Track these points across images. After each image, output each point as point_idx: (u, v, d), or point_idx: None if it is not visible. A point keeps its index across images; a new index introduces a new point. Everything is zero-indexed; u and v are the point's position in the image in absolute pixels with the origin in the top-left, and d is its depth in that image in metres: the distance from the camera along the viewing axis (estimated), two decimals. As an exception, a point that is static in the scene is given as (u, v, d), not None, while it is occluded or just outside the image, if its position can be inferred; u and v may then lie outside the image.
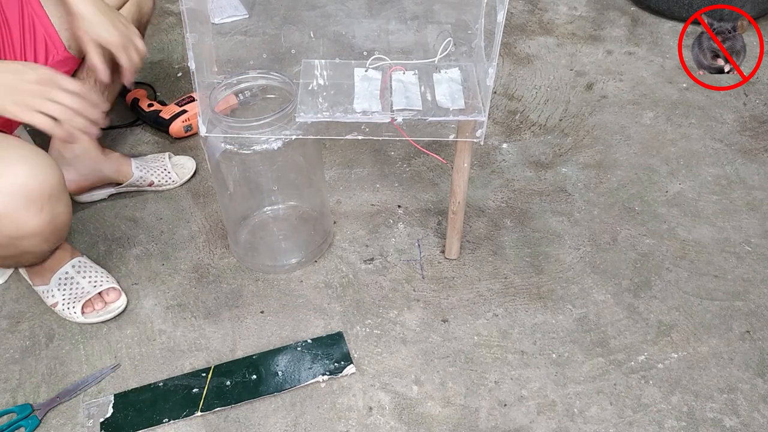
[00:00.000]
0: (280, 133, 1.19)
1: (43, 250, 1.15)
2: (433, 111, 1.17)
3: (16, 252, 1.10)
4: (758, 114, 1.78)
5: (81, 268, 1.31)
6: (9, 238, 1.03)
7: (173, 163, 1.60)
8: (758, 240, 1.44)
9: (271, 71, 1.27)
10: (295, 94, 1.21)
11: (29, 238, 1.05)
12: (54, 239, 1.11)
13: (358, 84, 1.22)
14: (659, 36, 2.08)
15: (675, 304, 1.32)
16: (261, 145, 1.21)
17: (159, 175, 1.57)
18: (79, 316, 1.28)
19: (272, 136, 1.19)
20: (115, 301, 1.30)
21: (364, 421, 1.15)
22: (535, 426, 1.14)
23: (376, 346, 1.26)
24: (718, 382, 1.19)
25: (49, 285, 1.29)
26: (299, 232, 1.46)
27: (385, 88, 1.20)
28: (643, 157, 1.66)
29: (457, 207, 1.31)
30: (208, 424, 1.15)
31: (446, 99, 1.19)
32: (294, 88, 1.22)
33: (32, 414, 1.16)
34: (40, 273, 1.30)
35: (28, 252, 1.12)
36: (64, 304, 1.29)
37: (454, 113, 1.17)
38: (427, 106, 1.17)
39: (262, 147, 1.21)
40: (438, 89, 1.21)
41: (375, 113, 1.15)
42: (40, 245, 1.10)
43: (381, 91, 1.20)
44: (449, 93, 1.21)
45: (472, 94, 1.21)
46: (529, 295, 1.35)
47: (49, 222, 1.04)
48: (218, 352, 1.26)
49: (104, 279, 1.32)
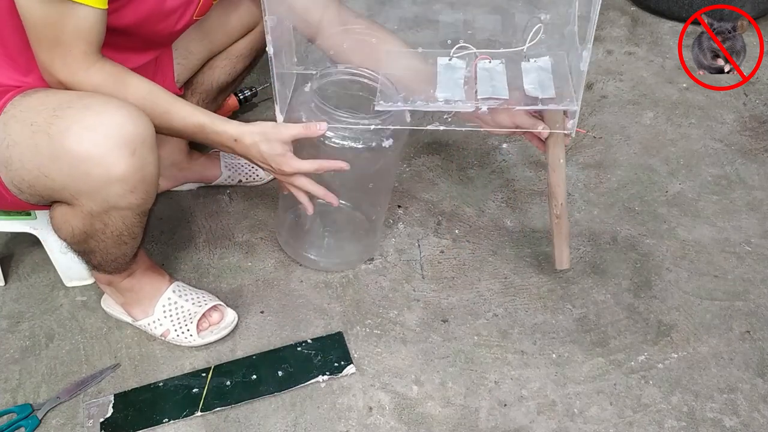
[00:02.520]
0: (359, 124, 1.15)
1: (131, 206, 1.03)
2: (522, 100, 1.11)
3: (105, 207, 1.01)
4: (758, 114, 1.78)
5: (182, 291, 1.28)
6: (97, 184, 0.97)
7: None
8: (758, 240, 1.44)
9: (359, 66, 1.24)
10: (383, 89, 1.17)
11: (117, 184, 0.98)
12: (141, 192, 1.02)
13: (442, 73, 1.17)
14: (659, 36, 2.08)
15: (675, 304, 1.32)
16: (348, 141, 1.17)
17: (246, 173, 1.57)
18: (195, 338, 1.25)
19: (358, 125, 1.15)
20: (224, 318, 1.27)
21: (364, 421, 1.15)
22: (535, 426, 1.14)
23: (376, 346, 1.26)
24: (718, 382, 1.19)
25: (153, 315, 1.25)
26: (345, 234, 1.44)
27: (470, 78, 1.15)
28: (643, 157, 1.66)
29: (560, 210, 1.22)
30: (208, 424, 1.15)
31: (535, 87, 1.13)
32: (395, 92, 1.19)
33: (32, 414, 1.16)
34: (141, 304, 1.26)
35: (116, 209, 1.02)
36: (176, 330, 1.25)
37: (543, 102, 1.11)
38: (515, 95, 1.12)
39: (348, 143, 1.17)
40: (526, 78, 1.15)
41: (458, 102, 1.10)
42: (127, 197, 1.00)
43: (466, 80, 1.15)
44: (538, 81, 1.15)
45: (563, 83, 1.15)
46: (529, 295, 1.35)
47: (138, 169, 0.98)
48: (218, 352, 1.26)
49: (207, 298, 1.29)
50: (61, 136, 0.94)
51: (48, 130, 0.95)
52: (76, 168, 0.96)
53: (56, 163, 0.96)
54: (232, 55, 1.38)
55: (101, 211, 1.02)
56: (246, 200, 1.57)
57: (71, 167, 0.96)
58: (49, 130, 0.95)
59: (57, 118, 0.95)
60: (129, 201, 1.02)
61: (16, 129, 0.97)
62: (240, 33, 1.36)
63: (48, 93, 1.01)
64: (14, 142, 0.97)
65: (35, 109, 0.97)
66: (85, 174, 0.96)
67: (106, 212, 1.03)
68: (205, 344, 1.26)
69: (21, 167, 0.98)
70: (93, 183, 0.97)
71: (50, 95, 1.00)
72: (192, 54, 1.33)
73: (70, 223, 1.06)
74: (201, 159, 1.55)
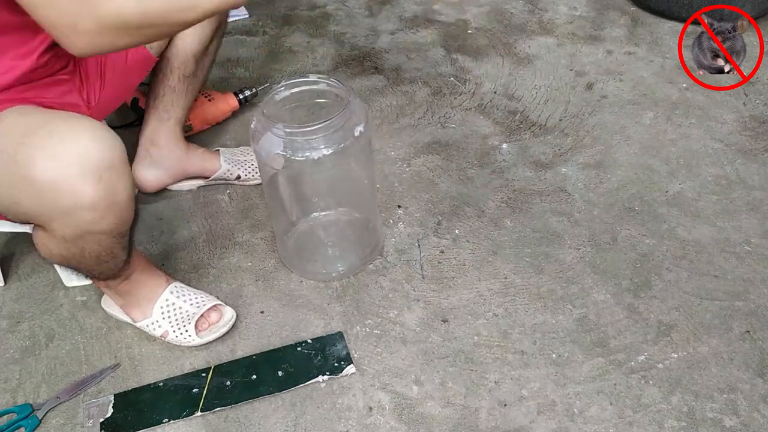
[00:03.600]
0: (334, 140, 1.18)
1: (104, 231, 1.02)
2: None
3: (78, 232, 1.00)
4: (758, 114, 1.78)
5: (179, 292, 1.28)
6: (66, 212, 0.96)
7: None
8: (758, 240, 1.44)
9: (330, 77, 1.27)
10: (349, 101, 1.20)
11: (86, 211, 0.97)
12: (112, 217, 1.00)
13: None
14: (659, 36, 2.08)
15: (675, 304, 1.32)
16: (313, 152, 1.19)
17: (246, 169, 1.58)
18: (194, 338, 1.25)
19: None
20: (222, 317, 1.28)
21: (364, 421, 1.15)
22: (535, 426, 1.14)
23: (376, 346, 1.26)
24: (718, 382, 1.19)
25: (152, 317, 1.26)
26: (347, 239, 1.45)
27: None
28: (643, 157, 1.66)
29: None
30: (208, 424, 1.15)
31: None
32: (349, 95, 1.21)
33: (32, 414, 1.16)
34: (139, 306, 1.26)
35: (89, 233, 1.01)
36: (174, 331, 1.25)
37: None
38: None
39: (315, 154, 1.19)
40: None
41: None
42: (98, 223, 0.99)
43: None
44: None
45: None
46: (529, 295, 1.35)
47: (106, 195, 0.97)
48: (218, 352, 1.26)
49: (205, 298, 1.29)
50: (26, 164, 0.93)
51: (15, 158, 0.94)
52: (43, 196, 0.95)
53: (25, 191, 0.95)
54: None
55: (75, 236, 1.01)
56: (246, 200, 1.57)
57: (39, 196, 0.95)
58: (16, 158, 0.94)
59: (22, 145, 0.94)
60: (101, 227, 1.01)
61: None
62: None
63: (20, 114, 1.00)
64: None
65: (5, 135, 0.97)
66: (53, 202, 0.95)
67: (81, 237, 1.02)
68: (205, 344, 1.26)
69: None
70: (62, 211, 0.96)
71: (20, 118, 0.99)
72: None
73: (48, 246, 1.07)
74: (200, 151, 1.56)
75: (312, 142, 1.19)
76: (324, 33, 2.15)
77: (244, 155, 1.60)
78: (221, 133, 1.76)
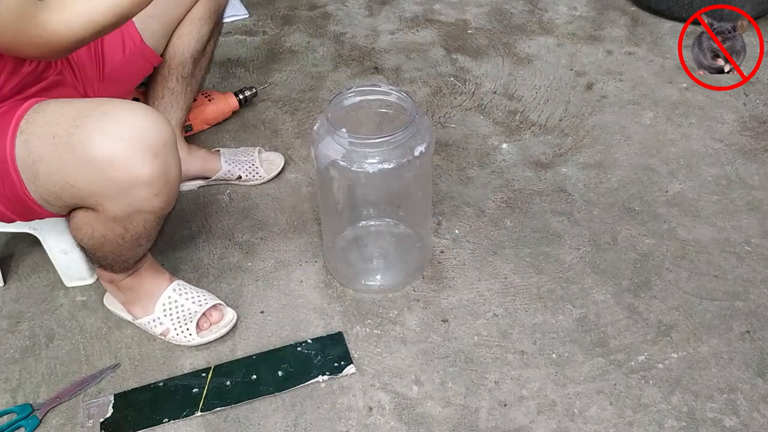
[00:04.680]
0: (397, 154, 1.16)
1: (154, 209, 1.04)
2: None
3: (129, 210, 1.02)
4: (758, 114, 1.78)
5: (182, 290, 1.28)
6: (123, 188, 0.98)
7: (262, 158, 1.60)
8: (758, 240, 1.44)
9: (401, 89, 1.26)
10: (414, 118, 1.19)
11: (142, 187, 0.98)
12: (165, 195, 1.02)
13: None
14: (659, 36, 2.08)
15: (675, 304, 1.32)
16: (370, 165, 1.18)
17: (247, 169, 1.58)
18: (195, 337, 1.25)
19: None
20: (224, 317, 1.28)
21: (364, 421, 1.15)
22: (535, 426, 1.14)
23: (376, 346, 1.26)
24: (718, 382, 1.19)
25: (153, 314, 1.26)
26: (394, 253, 1.43)
27: None
28: (643, 157, 1.66)
29: None
30: (208, 424, 1.15)
31: None
32: (416, 112, 1.20)
33: (32, 414, 1.16)
34: (141, 302, 1.26)
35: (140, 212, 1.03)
36: (176, 329, 1.25)
37: None
38: None
39: (371, 168, 1.18)
40: None
41: None
42: (152, 200, 1.01)
43: None
44: None
45: None
46: (529, 295, 1.35)
47: (162, 172, 0.99)
48: (218, 351, 1.26)
49: (207, 297, 1.29)
50: (83, 144, 0.95)
51: (70, 140, 0.96)
52: (100, 174, 0.97)
53: (81, 171, 0.97)
54: (194, 18, 1.40)
55: (125, 215, 1.03)
56: (246, 200, 1.57)
57: (96, 174, 0.97)
58: (71, 140, 0.96)
59: (77, 127, 0.96)
60: (153, 204, 1.02)
61: (38, 144, 0.98)
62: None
63: (62, 104, 1.02)
64: (39, 158, 0.98)
65: (54, 122, 0.98)
66: (109, 179, 0.97)
67: (129, 216, 1.04)
68: (205, 344, 1.26)
69: (48, 180, 0.99)
70: (118, 188, 0.98)
71: (65, 106, 1.01)
72: (151, 18, 1.32)
73: (91, 226, 1.08)
74: (201, 152, 1.56)
75: (371, 154, 1.18)
76: (324, 33, 2.15)
77: (245, 155, 1.60)
78: (221, 133, 1.76)
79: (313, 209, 1.53)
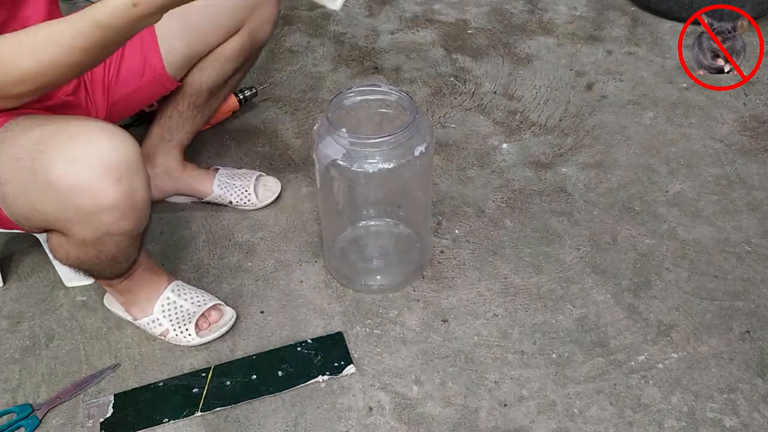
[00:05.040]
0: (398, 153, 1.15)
1: (123, 232, 1.03)
2: None
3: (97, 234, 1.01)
4: (758, 114, 1.78)
5: (181, 291, 1.28)
6: (87, 214, 0.97)
7: (260, 183, 1.54)
8: (758, 240, 1.44)
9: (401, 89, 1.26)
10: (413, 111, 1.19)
11: (107, 212, 0.97)
12: (132, 218, 1.01)
13: None
14: (659, 36, 2.08)
15: (675, 304, 1.32)
16: (370, 165, 1.18)
17: (238, 195, 1.51)
18: (194, 337, 1.25)
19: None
20: (223, 316, 1.28)
21: (364, 421, 1.15)
22: (535, 426, 1.14)
23: (376, 346, 1.26)
24: (718, 382, 1.19)
25: (153, 314, 1.25)
26: (394, 253, 1.43)
27: None
28: (643, 157, 1.66)
29: None
30: (208, 424, 1.15)
31: None
32: (416, 112, 1.20)
33: (32, 414, 1.16)
34: (140, 303, 1.26)
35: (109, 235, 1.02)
36: (175, 330, 1.25)
37: None
38: None
39: (371, 168, 1.18)
40: None
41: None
42: (118, 224, 1.00)
43: None
44: None
45: None
46: (529, 295, 1.35)
47: (126, 195, 0.97)
48: (218, 351, 1.26)
49: (206, 297, 1.29)
50: (45, 170, 0.94)
51: (33, 165, 0.95)
52: (64, 200, 0.95)
53: (45, 197, 0.96)
54: (219, 56, 1.34)
55: (94, 239, 1.02)
56: (246, 200, 1.57)
57: (59, 200, 0.96)
58: (34, 165, 0.94)
59: (40, 152, 0.95)
60: (121, 227, 1.01)
61: (6, 166, 0.97)
62: (227, 32, 1.32)
63: (30, 125, 1.00)
64: (6, 180, 0.98)
65: (20, 144, 0.97)
66: (74, 205, 0.96)
67: (99, 240, 1.03)
68: (205, 344, 1.26)
69: (15, 202, 0.99)
70: (83, 213, 0.97)
71: (32, 128, 0.99)
72: (176, 50, 1.29)
73: (65, 249, 1.08)
74: (195, 172, 1.51)
75: (371, 154, 1.18)
76: (324, 33, 2.15)
77: (242, 179, 1.53)
78: (221, 132, 1.76)
79: (313, 209, 1.53)
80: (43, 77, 0.92)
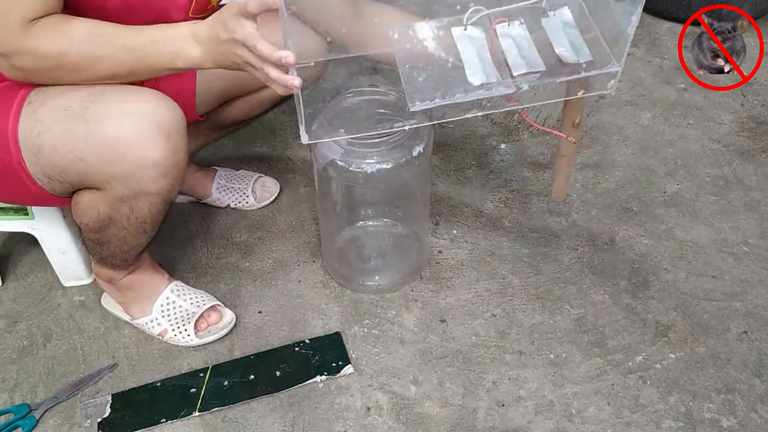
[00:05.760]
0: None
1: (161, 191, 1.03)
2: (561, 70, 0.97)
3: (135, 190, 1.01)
4: (756, 115, 1.78)
5: (180, 291, 1.28)
6: (132, 167, 0.98)
7: (258, 183, 1.54)
8: (756, 240, 1.44)
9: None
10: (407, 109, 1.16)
11: (151, 168, 0.99)
12: (172, 177, 1.02)
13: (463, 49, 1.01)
14: (657, 37, 2.08)
15: (673, 304, 1.32)
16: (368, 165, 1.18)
17: (236, 198, 1.52)
18: (193, 337, 1.25)
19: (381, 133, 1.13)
20: (222, 318, 1.28)
21: (361, 421, 1.15)
22: (533, 426, 1.14)
23: (374, 347, 1.26)
24: (716, 383, 1.19)
25: (152, 314, 1.26)
26: (392, 254, 1.42)
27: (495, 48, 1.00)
28: (641, 158, 1.66)
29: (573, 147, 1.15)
30: (205, 424, 1.15)
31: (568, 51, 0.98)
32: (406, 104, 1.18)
33: (30, 414, 1.16)
34: (139, 303, 1.26)
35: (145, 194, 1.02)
36: (173, 330, 1.25)
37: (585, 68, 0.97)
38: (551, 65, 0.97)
39: (369, 168, 1.18)
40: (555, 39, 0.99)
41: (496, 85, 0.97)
42: (159, 181, 1.01)
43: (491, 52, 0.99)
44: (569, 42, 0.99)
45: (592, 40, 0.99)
46: (527, 295, 1.35)
47: (172, 154, 0.99)
48: (216, 352, 1.26)
49: (205, 298, 1.29)
50: (97, 120, 0.96)
51: (84, 114, 0.96)
52: (111, 151, 0.97)
53: (92, 146, 0.97)
54: (253, 99, 1.37)
55: (131, 195, 1.03)
56: (244, 200, 1.57)
57: (107, 151, 0.97)
58: (85, 114, 0.96)
59: (92, 102, 0.97)
60: (160, 186, 1.02)
61: (47, 115, 0.97)
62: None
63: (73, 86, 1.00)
64: (47, 128, 0.97)
65: (66, 96, 0.98)
66: (120, 157, 0.97)
67: (136, 197, 1.03)
68: (203, 344, 1.26)
69: (54, 152, 0.98)
70: (128, 166, 0.98)
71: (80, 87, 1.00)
72: (212, 89, 1.31)
73: (96, 207, 1.06)
74: (196, 174, 1.51)
75: (369, 154, 1.18)
76: (322, 33, 2.15)
77: (240, 182, 1.54)
78: (219, 132, 1.75)
79: (311, 209, 1.53)
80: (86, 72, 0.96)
